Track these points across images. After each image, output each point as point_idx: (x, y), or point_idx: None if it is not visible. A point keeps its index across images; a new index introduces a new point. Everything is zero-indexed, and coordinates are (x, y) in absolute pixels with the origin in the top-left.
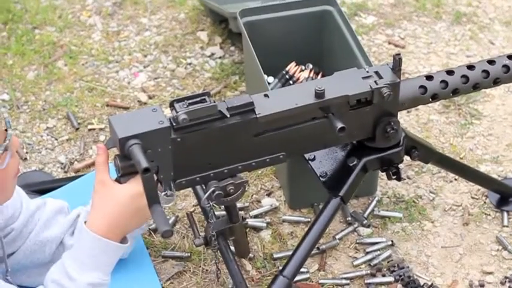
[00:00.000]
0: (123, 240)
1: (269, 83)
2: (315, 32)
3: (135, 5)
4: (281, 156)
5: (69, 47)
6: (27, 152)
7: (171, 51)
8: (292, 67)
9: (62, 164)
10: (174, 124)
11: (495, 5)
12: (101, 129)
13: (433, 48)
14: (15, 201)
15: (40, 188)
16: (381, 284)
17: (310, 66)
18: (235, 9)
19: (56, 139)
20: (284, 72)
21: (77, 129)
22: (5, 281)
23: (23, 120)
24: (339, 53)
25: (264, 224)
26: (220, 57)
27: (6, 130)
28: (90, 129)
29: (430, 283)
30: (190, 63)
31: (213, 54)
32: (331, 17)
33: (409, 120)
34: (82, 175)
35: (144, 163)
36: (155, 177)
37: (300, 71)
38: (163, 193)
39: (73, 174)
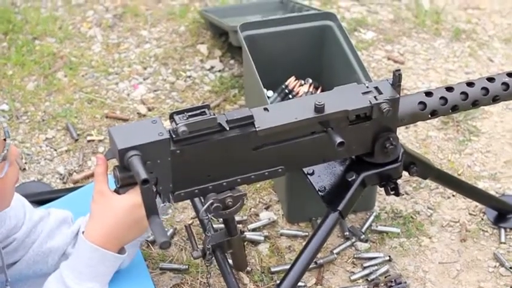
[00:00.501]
0: (121, 251)
1: (268, 97)
2: (314, 47)
3: (136, 18)
4: (280, 170)
5: (69, 58)
6: (26, 163)
7: (170, 64)
8: (291, 81)
9: (61, 174)
10: (173, 136)
11: (494, 22)
12: (100, 140)
13: (432, 64)
14: (18, 212)
15: (39, 198)
16: None
17: (310, 80)
18: (236, 23)
19: (55, 150)
20: (283, 86)
21: (76, 140)
22: None
23: (22, 131)
24: (338, 68)
25: (262, 238)
26: (219, 71)
27: (5, 140)
28: (89, 141)
29: None
30: (189, 76)
31: (212, 67)
32: (331, 32)
33: (407, 136)
34: (81, 186)
35: (143, 174)
36: (154, 189)
37: (300, 86)
38: (161, 204)
39: (72, 185)
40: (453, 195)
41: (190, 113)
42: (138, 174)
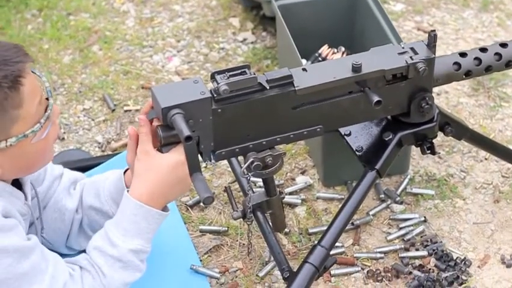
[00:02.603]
0: (164, 209)
1: None
2: (347, 16)
3: None
4: (318, 129)
5: (104, 33)
6: (64, 132)
7: (203, 37)
8: (324, 49)
9: (99, 143)
10: (215, 95)
11: None
12: (136, 110)
13: (461, 34)
14: None
15: (79, 165)
16: (415, 257)
17: (343, 48)
18: None
19: (93, 120)
20: (317, 54)
21: (113, 110)
22: (40, 238)
23: (59, 102)
24: (371, 36)
25: (299, 201)
26: (252, 42)
27: (47, 99)
28: (126, 111)
29: (462, 257)
30: (223, 48)
31: (245, 39)
32: (363, 0)
33: (439, 103)
34: (120, 153)
35: (186, 131)
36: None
37: (333, 54)
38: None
39: (110, 153)
40: (486, 159)
41: (231, 73)
42: (181, 131)
